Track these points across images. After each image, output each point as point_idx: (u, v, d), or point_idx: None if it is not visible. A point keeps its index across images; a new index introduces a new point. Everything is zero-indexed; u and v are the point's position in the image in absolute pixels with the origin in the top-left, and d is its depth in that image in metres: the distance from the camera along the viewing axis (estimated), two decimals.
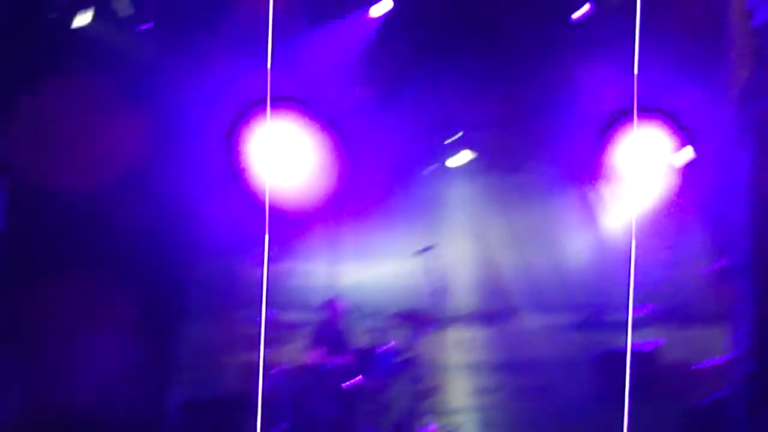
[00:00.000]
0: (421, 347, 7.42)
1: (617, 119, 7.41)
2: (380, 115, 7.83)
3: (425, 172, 9.11)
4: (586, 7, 7.50)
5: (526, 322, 9.50)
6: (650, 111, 7.19)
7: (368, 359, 7.49)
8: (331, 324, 7.69)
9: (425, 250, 7.49)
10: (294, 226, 7.75)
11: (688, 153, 7.87)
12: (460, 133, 8.66)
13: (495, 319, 9.51)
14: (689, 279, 8.24)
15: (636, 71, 5.75)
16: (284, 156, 7.27)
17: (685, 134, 7.68)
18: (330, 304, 7.76)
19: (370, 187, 8.56)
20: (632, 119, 6.37)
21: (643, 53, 5.72)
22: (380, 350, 7.50)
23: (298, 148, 7.54)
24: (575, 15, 7.54)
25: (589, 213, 9.15)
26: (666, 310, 8.56)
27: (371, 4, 7.50)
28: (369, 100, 7.81)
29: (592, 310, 9.28)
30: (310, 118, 7.37)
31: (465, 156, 8.87)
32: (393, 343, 7.49)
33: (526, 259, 9.48)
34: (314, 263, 9.01)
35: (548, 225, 9.54)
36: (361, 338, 7.94)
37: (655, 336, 8.36)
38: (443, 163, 9.14)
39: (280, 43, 6.06)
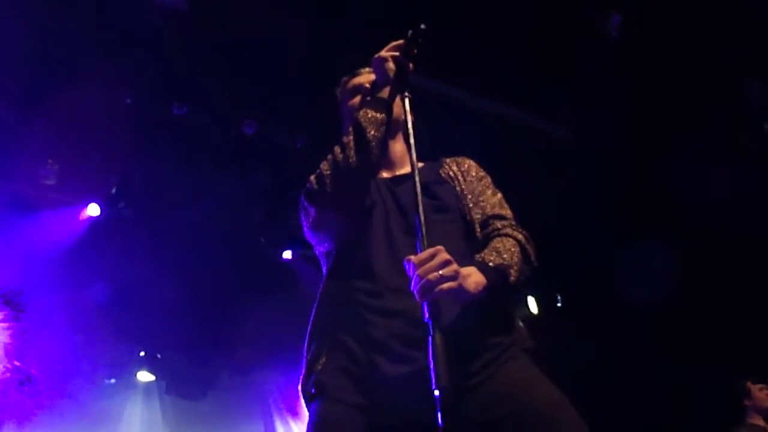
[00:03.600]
0: None
1: None
2: (68, 317, 7.70)
3: (109, 382, 8.90)
4: None
5: None
6: None
7: None
8: None
9: None
10: None
11: None
12: (143, 353, 8.68)
13: None
14: None
15: None
16: None
17: None
18: None
19: (48, 389, 8.16)
20: None
21: None
22: None
23: None
24: None
25: None
26: None
27: (88, 203, 7.57)
28: (60, 298, 7.69)
29: None
30: None
31: (147, 376, 8.85)
32: None
33: None
34: None
35: None
36: None
37: None
38: (131, 377, 9.00)
39: None
